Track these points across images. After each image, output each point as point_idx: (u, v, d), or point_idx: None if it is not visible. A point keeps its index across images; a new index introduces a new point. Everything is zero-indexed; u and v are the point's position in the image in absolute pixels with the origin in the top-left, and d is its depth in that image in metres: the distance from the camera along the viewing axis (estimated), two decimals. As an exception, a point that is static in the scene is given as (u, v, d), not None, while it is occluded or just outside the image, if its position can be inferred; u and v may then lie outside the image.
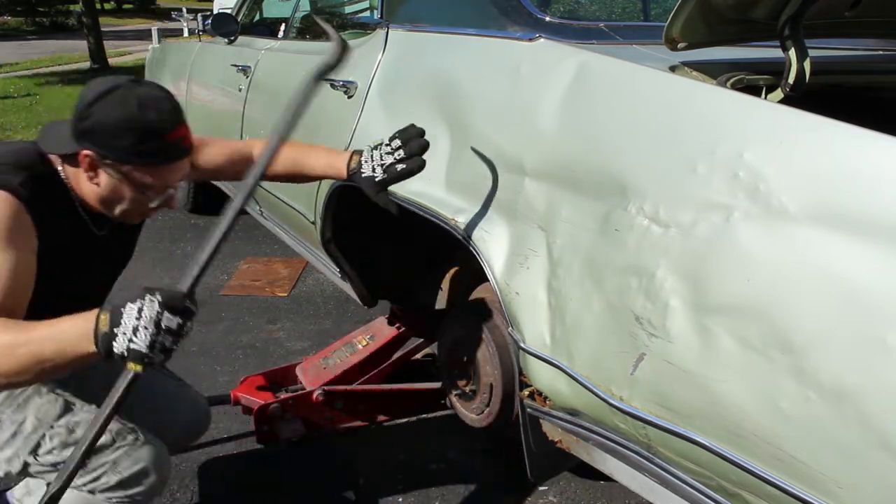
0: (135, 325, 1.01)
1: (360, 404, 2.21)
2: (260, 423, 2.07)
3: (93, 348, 1.04)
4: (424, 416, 2.29)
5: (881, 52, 1.79)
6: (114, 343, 1.02)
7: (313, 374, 2.25)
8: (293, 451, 2.08)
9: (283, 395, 2.17)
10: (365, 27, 2.05)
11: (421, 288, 2.19)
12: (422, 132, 1.46)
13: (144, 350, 1.01)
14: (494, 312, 1.73)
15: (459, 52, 1.67)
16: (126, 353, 1.01)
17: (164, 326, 1.01)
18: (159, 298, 1.02)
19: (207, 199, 4.11)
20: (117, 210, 1.31)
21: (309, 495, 1.91)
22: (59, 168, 1.32)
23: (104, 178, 1.26)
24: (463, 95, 1.57)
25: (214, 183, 3.53)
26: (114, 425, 1.33)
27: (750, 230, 0.98)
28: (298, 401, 2.13)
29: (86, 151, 1.23)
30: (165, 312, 1.01)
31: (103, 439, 1.27)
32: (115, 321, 1.02)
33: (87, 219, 1.37)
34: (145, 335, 1.01)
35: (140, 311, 1.01)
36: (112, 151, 1.22)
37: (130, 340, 1.01)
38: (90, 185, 1.28)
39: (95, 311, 1.06)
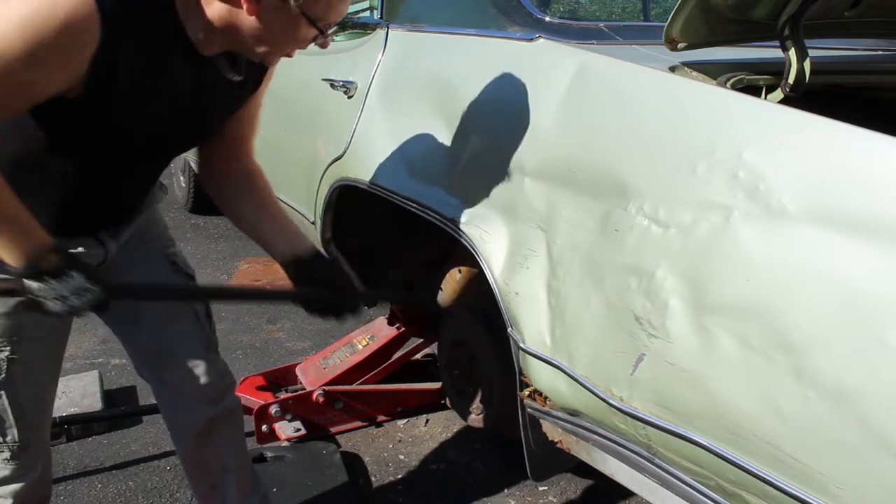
0: (61, 294, 1.04)
1: (360, 404, 2.21)
2: (260, 423, 2.08)
3: (15, 263, 1.03)
4: (424, 415, 2.29)
5: (881, 52, 1.79)
6: (32, 282, 1.03)
7: (313, 374, 2.26)
8: (293, 451, 2.08)
9: (283, 395, 2.18)
10: (365, 27, 2.05)
11: (421, 288, 2.19)
12: (355, 306, 1.39)
13: (46, 309, 1.05)
14: (494, 312, 1.73)
15: (459, 52, 1.67)
16: (29, 301, 1.05)
17: (75, 310, 1.06)
18: (98, 294, 1.06)
19: (208, 200, 4.11)
20: (264, 48, 1.12)
21: (309, 495, 1.91)
22: None
23: (269, 9, 1.05)
24: (463, 95, 1.57)
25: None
26: (12, 432, 1.28)
27: (750, 230, 0.97)
28: (298, 401, 2.13)
29: None
30: (90, 304, 1.06)
31: None
32: (55, 275, 1.03)
33: (219, 59, 1.15)
34: (58, 304, 1.04)
35: (76, 290, 1.04)
36: None
37: (46, 299, 1.04)
38: (243, 19, 1.06)
39: (43, 237, 1.05)
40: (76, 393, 2.28)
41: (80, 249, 1.25)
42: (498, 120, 1.46)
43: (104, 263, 1.34)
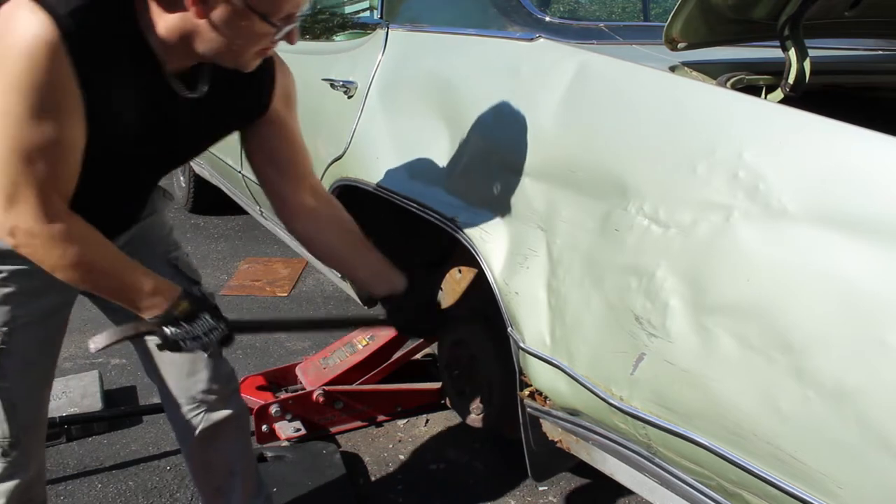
0: (195, 335, 1.19)
1: (360, 404, 2.21)
2: (260, 423, 2.08)
3: (150, 316, 1.17)
4: (424, 415, 2.29)
5: (881, 52, 1.79)
6: (168, 328, 1.17)
7: (313, 374, 2.25)
8: (293, 451, 2.08)
9: (283, 395, 2.18)
10: (365, 27, 2.05)
11: (421, 288, 2.19)
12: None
13: (182, 348, 1.20)
14: (494, 312, 1.73)
15: (459, 52, 1.67)
16: (169, 342, 1.19)
17: (206, 346, 1.22)
18: (224, 330, 1.24)
19: (208, 199, 4.11)
20: (224, 52, 1.09)
21: (309, 495, 1.91)
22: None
23: (217, 11, 1.03)
24: (463, 95, 1.57)
25: (213, 182, 3.53)
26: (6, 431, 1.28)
27: (750, 230, 0.97)
28: (298, 401, 2.13)
29: None
30: (218, 341, 1.23)
31: None
32: (188, 318, 1.18)
33: (167, 76, 1.13)
34: (193, 344, 1.20)
35: (207, 330, 1.21)
36: None
37: (183, 340, 1.19)
38: (195, 24, 1.04)
39: (174, 289, 1.18)
40: (76, 393, 2.28)
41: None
42: (498, 120, 1.46)
43: None
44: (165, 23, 1.06)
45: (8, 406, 1.27)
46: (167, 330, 1.17)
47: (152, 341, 1.40)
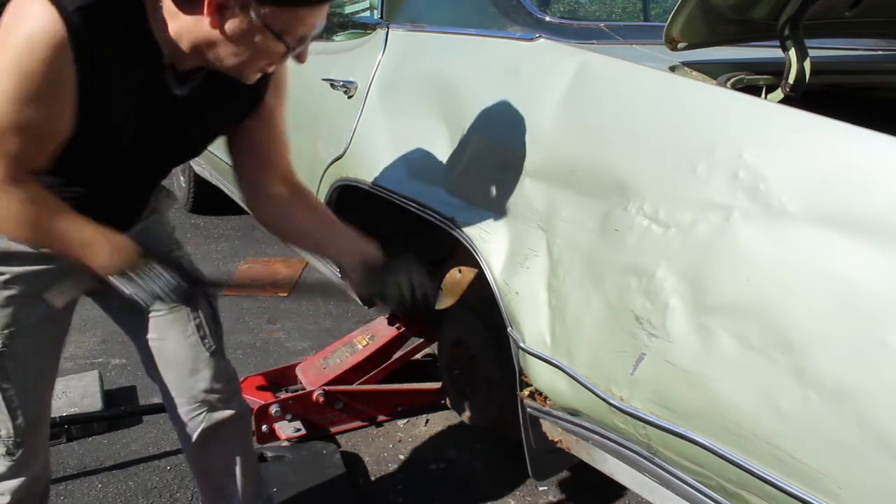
0: (151, 289, 1.16)
1: (360, 404, 2.21)
2: (260, 423, 2.08)
3: (106, 269, 1.15)
4: (424, 416, 2.29)
5: (881, 52, 1.79)
6: (123, 282, 1.15)
7: (313, 374, 2.26)
8: (293, 451, 2.08)
9: (283, 395, 2.18)
10: (365, 27, 2.05)
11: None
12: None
13: (140, 303, 1.18)
14: (494, 312, 1.73)
15: (459, 52, 1.67)
16: (125, 296, 1.17)
17: (164, 300, 1.19)
18: (184, 286, 1.18)
19: (208, 199, 4.11)
20: (234, 63, 1.09)
21: (309, 495, 1.91)
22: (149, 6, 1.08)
23: (232, 22, 1.03)
24: (463, 95, 1.57)
25: (213, 182, 3.53)
26: (10, 426, 1.28)
27: (750, 230, 0.98)
28: (298, 401, 2.13)
29: None
30: (178, 297, 1.19)
31: None
32: (144, 273, 1.15)
33: (166, 72, 1.13)
34: (148, 297, 1.17)
35: (164, 285, 1.17)
36: None
37: (138, 295, 1.16)
38: (208, 31, 1.05)
39: (130, 245, 1.16)
40: (76, 393, 2.28)
41: None
42: (498, 120, 1.46)
43: None
44: (178, 24, 1.07)
45: (12, 407, 1.27)
46: (122, 284, 1.15)
47: (153, 340, 1.41)
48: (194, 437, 1.47)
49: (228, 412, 1.48)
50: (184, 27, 1.06)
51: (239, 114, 1.30)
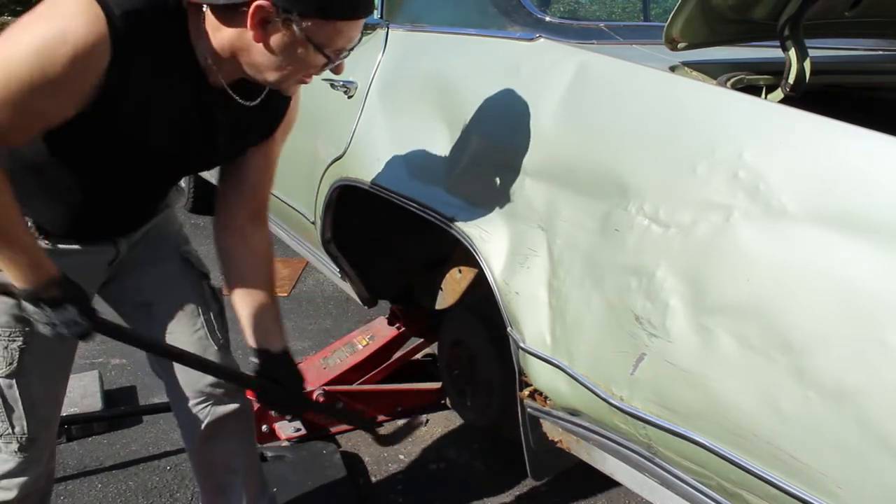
0: (52, 321, 1.14)
1: (360, 404, 2.21)
2: (260, 423, 2.08)
3: (20, 286, 1.12)
4: (424, 416, 2.29)
5: (881, 52, 1.79)
6: (29, 305, 1.13)
7: (313, 374, 2.25)
8: (293, 451, 2.08)
9: (283, 395, 2.17)
10: (365, 27, 2.05)
11: (420, 288, 2.19)
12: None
13: (37, 325, 1.16)
14: (494, 312, 1.73)
15: (459, 52, 1.67)
16: (26, 315, 1.16)
17: (58, 335, 1.16)
18: (84, 327, 1.16)
19: (208, 199, 4.11)
20: (276, 76, 1.11)
21: (309, 495, 1.91)
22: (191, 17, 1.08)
23: (275, 36, 1.04)
24: (463, 95, 1.57)
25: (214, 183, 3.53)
26: (20, 423, 1.29)
27: (750, 230, 0.97)
28: (298, 401, 2.13)
29: (259, 2, 1.01)
30: (74, 335, 1.16)
31: None
32: (52, 304, 1.12)
33: (203, 89, 1.14)
34: (45, 328, 1.15)
35: (65, 321, 1.14)
36: (297, 3, 1.02)
37: (37, 322, 1.15)
38: (251, 45, 1.06)
39: (51, 273, 1.12)
40: (76, 393, 2.28)
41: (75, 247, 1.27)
42: (498, 120, 1.46)
43: (115, 261, 1.37)
44: (221, 36, 1.08)
45: (28, 403, 1.29)
46: (27, 305, 1.14)
47: (161, 334, 1.43)
48: (199, 431, 1.48)
49: (233, 406, 1.50)
50: (226, 40, 1.08)
51: (263, 134, 1.32)
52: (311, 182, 2.07)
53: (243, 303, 1.43)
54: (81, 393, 2.29)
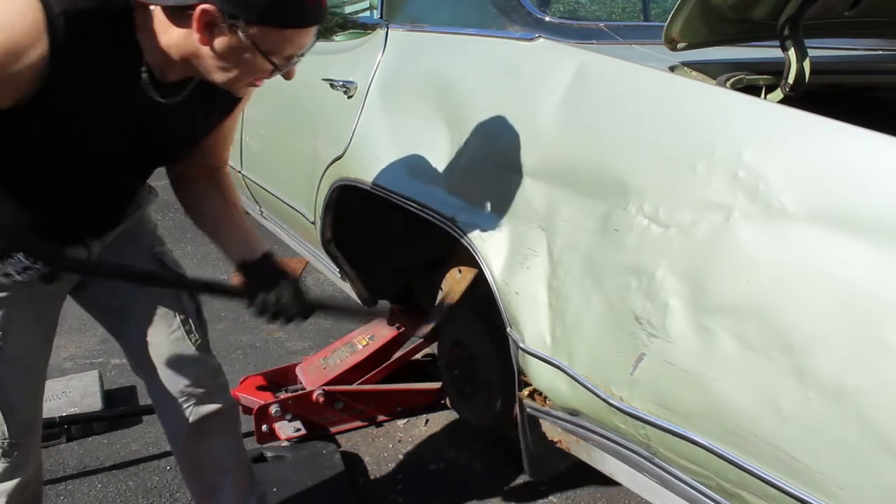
0: (5, 271, 1.17)
1: (360, 404, 2.21)
2: (260, 423, 2.08)
3: None
4: (424, 416, 2.29)
5: (881, 52, 1.79)
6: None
7: (313, 374, 2.26)
8: (293, 451, 2.08)
9: (283, 395, 2.18)
10: (365, 27, 2.05)
11: (420, 288, 2.19)
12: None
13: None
14: (494, 312, 1.73)
15: (459, 52, 1.67)
16: None
17: (16, 280, 1.19)
18: (40, 269, 1.19)
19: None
20: (224, 78, 1.10)
21: (309, 495, 1.91)
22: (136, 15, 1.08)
23: (221, 40, 1.04)
24: (463, 95, 1.57)
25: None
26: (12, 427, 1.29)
27: (750, 230, 0.97)
28: (298, 401, 2.13)
29: (205, 6, 1.00)
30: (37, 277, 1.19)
31: None
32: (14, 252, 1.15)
33: (146, 82, 1.13)
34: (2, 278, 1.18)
35: (19, 269, 1.17)
36: (242, 9, 1.01)
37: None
38: (197, 46, 1.05)
39: None
40: (76, 393, 2.28)
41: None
42: (498, 120, 1.46)
43: None
44: (169, 36, 1.08)
45: (7, 408, 1.28)
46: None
47: (138, 337, 1.42)
48: (184, 432, 1.48)
49: (215, 406, 1.49)
50: (174, 40, 1.07)
51: (214, 121, 1.32)
52: (310, 182, 2.07)
53: (215, 231, 1.43)
54: (81, 393, 2.29)
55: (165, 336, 1.43)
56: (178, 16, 1.05)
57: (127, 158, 1.25)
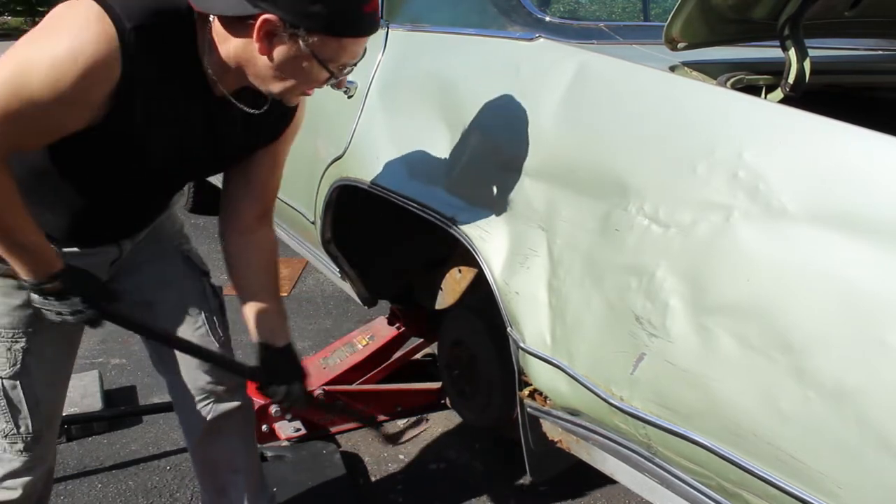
0: (57, 311, 1.18)
1: (360, 404, 2.21)
2: (260, 422, 2.08)
3: (26, 279, 1.15)
4: (424, 415, 2.29)
5: (881, 52, 1.79)
6: (34, 295, 1.17)
7: (313, 374, 2.25)
8: (293, 451, 2.08)
9: (283, 395, 2.17)
10: (365, 27, 2.05)
11: (420, 288, 2.19)
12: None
13: (44, 314, 1.20)
14: (494, 312, 1.73)
15: (459, 52, 1.67)
16: (33, 306, 1.20)
17: (63, 323, 1.20)
18: (90, 315, 1.20)
19: (208, 199, 4.11)
20: (279, 87, 1.11)
21: (309, 495, 1.91)
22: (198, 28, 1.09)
23: (280, 49, 1.05)
24: (463, 95, 1.57)
25: (214, 183, 3.53)
26: (24, 422, 1.30)
27: (750, 230, 0.97)
28: (298, 401, 2.13)
29: (267, 16, 1.01)
30: (81, 321, 1.20)
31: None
32: (57, 295, 1.17)
33: (227, 95, 1.15)
34: (51, 315, 1.19)
35: (70, 311, 1.18)
36: (304, 18, 1.01)
37: (42, 310, 1.19)
38: (256, 56, 1.06)
39: (54, 265, 1.16)
40: (76, 393, 2.28)
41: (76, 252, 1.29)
42: (498, 120, 1.46)
43: (118, 261, 1.38)
44: (227, 46, 1.08)
45: (32, 402, 1.30)
46: (34, 296, 1.18)
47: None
48: (201, 428, 1.49)
49: (234, 403, 1.51)
50: (232, 50, 1.08)
51: (269, 138, 1.33)
52: (310, 182, 2.07)
53: (250, 302, 1.43)
54: (81, 393, 2.29)
55: (190, 332, 1.45)
56: (237, 26, 1.05)
57: (179, 169, 1.27)
